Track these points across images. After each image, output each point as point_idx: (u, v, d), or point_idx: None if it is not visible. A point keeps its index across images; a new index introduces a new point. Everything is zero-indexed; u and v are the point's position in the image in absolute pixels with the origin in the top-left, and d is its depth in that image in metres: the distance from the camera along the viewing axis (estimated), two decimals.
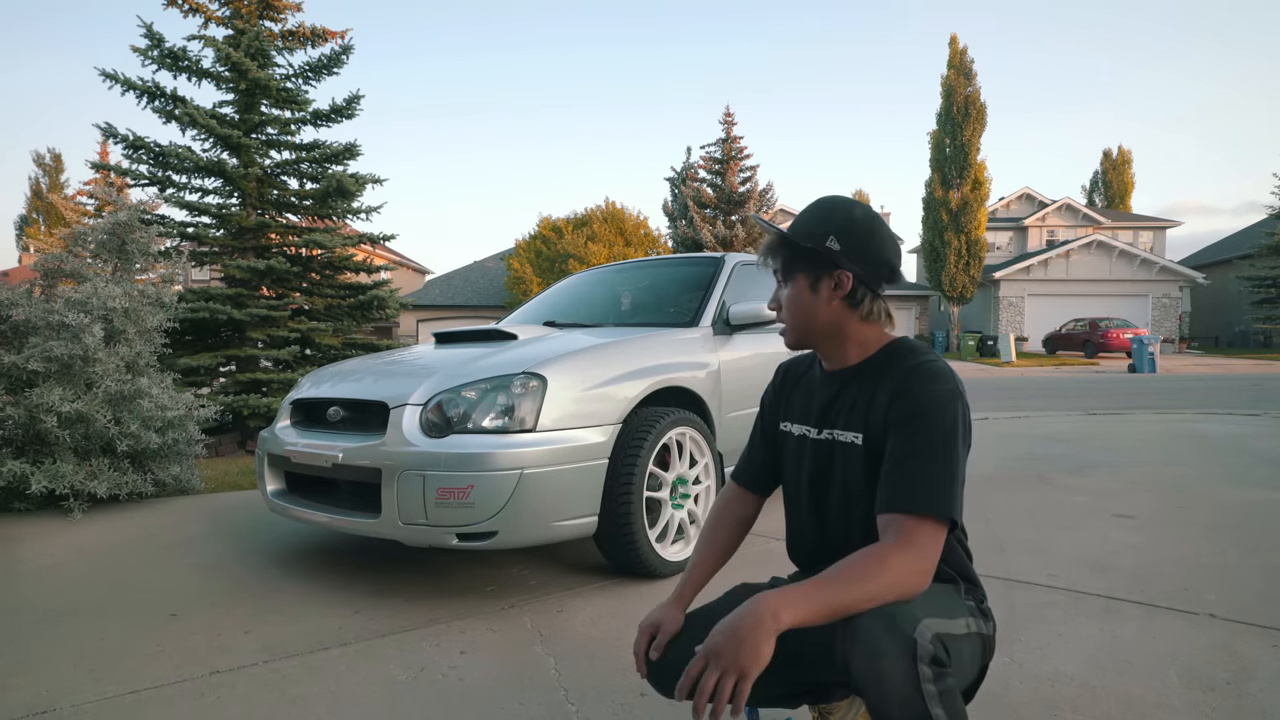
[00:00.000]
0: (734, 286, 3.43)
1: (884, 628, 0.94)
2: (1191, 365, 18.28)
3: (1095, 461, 4.72)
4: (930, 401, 1.08)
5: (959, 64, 23.49)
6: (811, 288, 1.18)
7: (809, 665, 1.20)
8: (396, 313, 7.85)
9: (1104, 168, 40.68)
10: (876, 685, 0.92)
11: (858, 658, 0.94)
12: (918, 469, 1.05)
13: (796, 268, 1.20)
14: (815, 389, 1.28)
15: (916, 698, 0.92)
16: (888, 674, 0.92)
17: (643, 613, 2.24)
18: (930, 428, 1.06)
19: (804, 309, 1.20)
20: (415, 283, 33.46)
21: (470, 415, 2.34)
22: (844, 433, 1.18)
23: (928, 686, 0.92)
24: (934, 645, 0.94)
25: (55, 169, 31.27)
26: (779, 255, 1.22)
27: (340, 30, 7.60)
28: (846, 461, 1.18)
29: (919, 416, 1.07)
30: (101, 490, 3.72)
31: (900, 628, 0.94)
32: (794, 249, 1.19)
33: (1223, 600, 2.23)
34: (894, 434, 1.09)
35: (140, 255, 4.69)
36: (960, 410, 1.09)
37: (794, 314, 1.21)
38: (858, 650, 0.95)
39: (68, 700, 1.75)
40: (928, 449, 1.05)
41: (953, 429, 1.07)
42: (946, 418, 1.07)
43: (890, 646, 0.93)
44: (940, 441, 1.06)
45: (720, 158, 23.92)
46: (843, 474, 1.19)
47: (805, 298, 1.19)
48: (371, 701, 1.73)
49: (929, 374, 1.11)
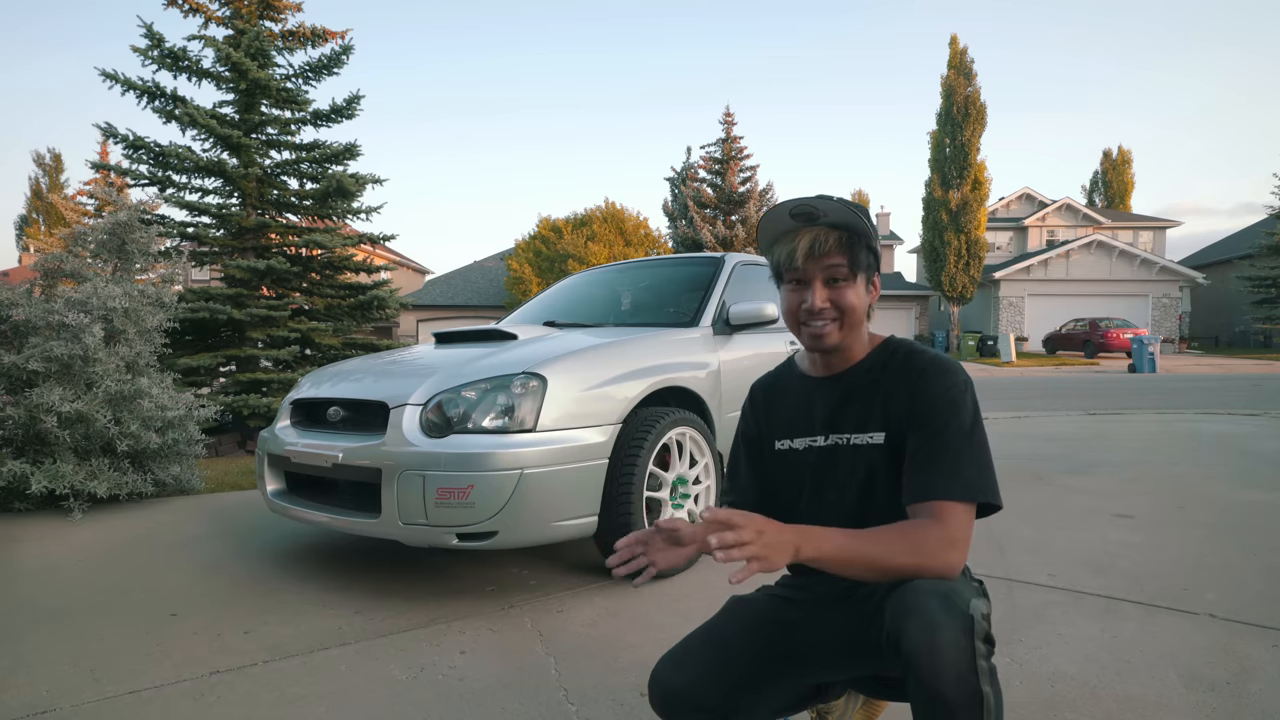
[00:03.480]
0: (734, 286, 3.43)
1: (941, 604, 0.95)
2: (1191, 365, 18.28)
3: (1095, 461, 4.72)
4: (954, 394, 1.11)
5: (959, 64, 23.48)
6: (866, 287, 1.19)
7: (814, 668, 1.20)
8: (396, 313, 7.85)
9: (1104, 168, 40.65)
10: (930, 658, 0.93)
11: (914, 631, 0.94)
12: (947, 460, 1.08)
13: (862, 267, 1.17)
14: (810, 397, 1.25)
15: (971, 674, 0.93)
16: (945, 648, 0.93)
17: (643, 613, 2.25)
18: (956, 419, 1.10)
19: (861, 308, 1.18)
20: (415, 283, 33.46)
21: (470, 415, 2.34)
22: (859, 435, 1.18)
23: (981, 663, 0.94)
24: (985, 624, 0.97)
25: (55, 169, 31.25)
26: (848, 252, 1.15)
27: (340, 30, 7.61)
28: (862, 463, 1.18)
29: (944, 409, 1.10)
30: (101, 490, 3.72)
31: (956, 605, 0.96)
32: (867, 248, 1.17)
33: (1223, 600, 2.23)
34: (918, 430, 1.11)
35: (140, 255, 4.69)
36: (974, 398, 1.13)
37: (855, 313, 1.17)
38: (914, 623, 0.95)
39: (68, 700, 1.75)
40: (955, 440, 1.08)
41: (973, 417, 1.11)
42: (967, 408, 1.11)
43: (949, 622, 0.94)
44: (965, 431, 1.09)
45: (720, 158, 23.93)
46: (856, 476, 1.18)
47: (863, 297, 1.19)
48: (371, 701, 1.72)
49: (943, 369, 1.14)
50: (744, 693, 1.15)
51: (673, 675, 1.16)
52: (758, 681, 1.16)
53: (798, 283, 1.18)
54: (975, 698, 0.92)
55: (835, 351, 1.21)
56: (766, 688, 1.17)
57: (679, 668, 1.16)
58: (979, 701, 0.93)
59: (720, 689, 1.14)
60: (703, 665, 1.16)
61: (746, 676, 1.15)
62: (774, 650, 1.18)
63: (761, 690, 1.17)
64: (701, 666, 1.16)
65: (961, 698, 0.92)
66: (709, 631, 1.21)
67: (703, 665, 1.16)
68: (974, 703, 0.92)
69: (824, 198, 1.14)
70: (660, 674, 1.17)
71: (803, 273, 1.16)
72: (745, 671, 1.16)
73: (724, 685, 1.14)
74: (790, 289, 1.20)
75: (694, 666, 1.16)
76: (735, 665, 1.16)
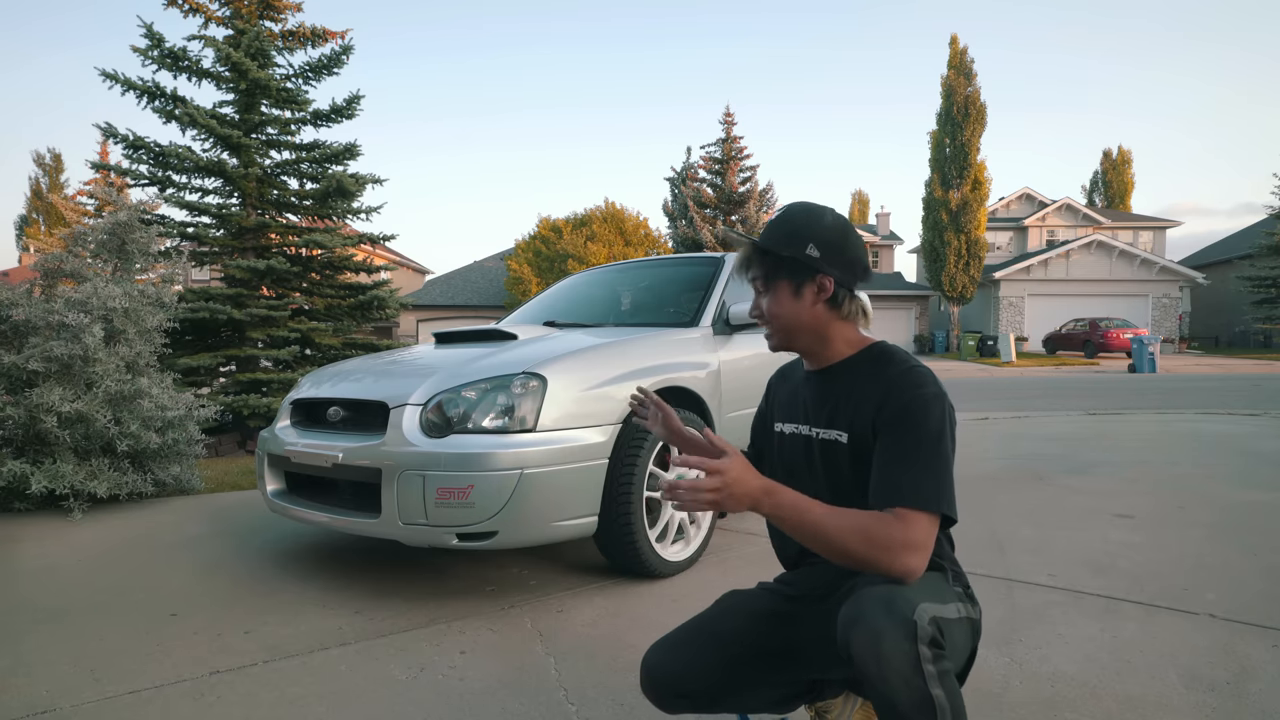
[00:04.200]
0: (734, 286, 3.43)
1: (884, 610, 0.97)
2: (1191, 365, 18.28)
3: (1095, 461, 4.72)
4: (919, 405, 1.11)
5: (959, 64, 23.48)
6: (795, 294, 1.21)
7: (807, 663, 1.21)
8: (396, 313, 7.85)
9: (1104, 168, 40.66)
10: (878, 666, 0.95)
11: (859, 640, 0.97)
12: (909, 468, 1.08)
13: (779, 275, 1.22)
14: (800, 388, 1.31)
15: (917, 678, 0.94)
16: (889, 655, 0.95)
17: (643, 613, 2.25)
18: (920, 429, 1.10)
19: (788, 315, 1.22)
20: (415, 283, 33.46)
21: (470, 415, 2.34)
22: (827, 430, 1.21)
23: (927, 667, 0.95)
24: (931, 627, 0.98)
25: (55, 169, 31.26)
26: (759, 266, 1.24)
27: (340, 30, 7.61)
28: (827, 458, 1.21)
29: (908, 419, 1.11)
30: (101, 490, 3.72)
31: (899, 610, 0.97)
32: (775, 259, 1.22)
33: (1223, 600, 2.23)
34: (884, 436, 1.12)
35: (140, 255, 4.69)
36: (946, 411, 1.12)
37: (777, 320, 1.24)
38: (859, 632, 0.97)
39: (68, 700, 1.75)
40: (916, 450, 1.08)
41: (939, 429, 1.10)
42: (933, 419, 1.10)
43: (891, 628, 0.96)
44: (930, 442, 1.09)
45: (720, 158, 23.92)
46: (820, 469, 1.22)
47: (789, 304, 1.22)
48: (371, 701, 1.73)
49: (914, 380, 1.14)
50: (732, 683, 1.18)
51: (662, 661, 1.19)
52: (746, 673, 1.18)
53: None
54: (926, 702, 0.94)
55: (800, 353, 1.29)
56: (755, 680, 1.19)
57: (669, 655, 1.20)
58: (930, 706, 0.94)
59: (708, 678, 1.17)
60: (693, 653, 1.19)
61: (735, 668, 1.18)
62: (765, 643, 1.20)
63: (750, 682, 1.19)
64: (691, 654, 1.18)
65: (911, 704, 0.94)
66: (702, 621, 1.24)
67: (693, 653, 1.19)
68: (925, 707, 0.94)
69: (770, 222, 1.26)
70: (650, 659, 1.20)
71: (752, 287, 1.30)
72: (734, 662, 1.18)
73: (712, 674, 1.17)
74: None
75: (684, 654, 1.19)
76: (725, 655, 1.18)
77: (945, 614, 1.03)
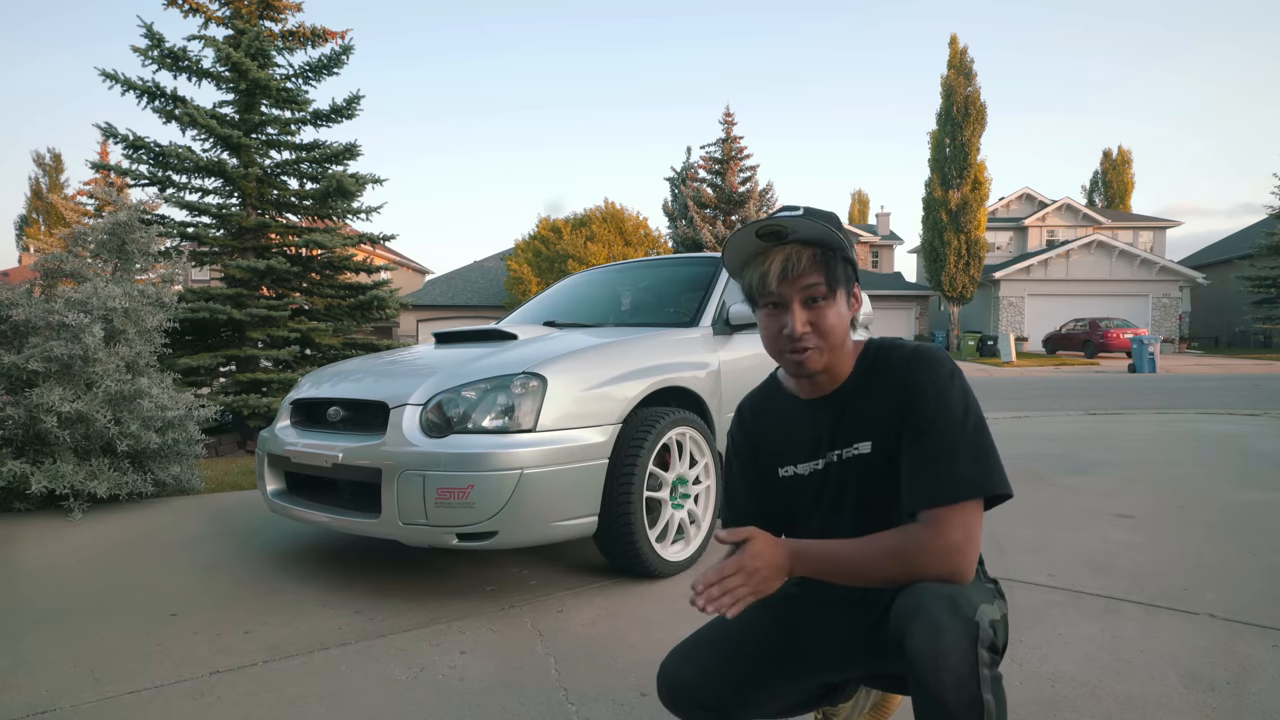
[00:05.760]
0: (734, 287, 3.43)
1: (947, 608, 0.94)
2: (1191, 365, 18.28)
3: (1095, 461, 4.72)
4: (939, 388, 1.07)
5: (959, 64, 23.48)
6: (848, 303, 1.13)
7: (822, 667, 1.19)
8: (396, 313, 7.85)
9: (1104, 168, 40.66)
10: (933, 664, 0.92)
11: (919, 632, 0.94)
12: (941, 463, 1.04)
13: (839, 281, 1.10)
14: (807, 421, 1.20)
15: (972, 681, 0.92)
16: (948, 654, 0.92)
17: (643, 613, 2.25)
18: (947, 412, 1.05)
19: (844, 329, 1.11)
20: (415, 283, 33.45)
21: (470, 415, 2.34)
22: (849, 449, 1.15)
23: (984, 671, 0.93)
24: (990, 631, 0.95)
25: (55, 169, 31.25)
26: (822, 269, 1.08)
27: (340, 30, 7.61)
28: (854, 475, 1.16)
29: (930, 406, 1.06)
30: (101, 490, 3.72)
31: (963, 610, 0.94)
32: (845, 261, 1.10)
33: (1223, 600, 2.23)
34: (908, 430, 1.07)
35: (140, 255, 4.69)
36: (964, 388, 1.08)
37: (834, 335, 1.10)
38: (919, 625, 0.94)
39: (68, 700, 1.75)
40: (948, 435, 1.04)
41: (963, 410, 1.06)
42: (955, 397, 1.06)
43: (953, 627, 0.93)
44: (955, 428, 1.05)
45: (720, 158, 23.93)
46: (850, 489, 1.17)
47: (845, 314, 1.12)
48: (371, 701, 1.73)
49: (923, 362, 1.09)
50: (749, 691, 1.15)
51: (679, 670, 1.16)
52: (764, 680, 1.16)
53: (774, 306, 1.11)
54: (975, 704, 0.92)
55: (833, 368, 1.14)
56: (773, 686, 1.17)
57: (686, 663, 1.17)
58: (979, 708, 0.92)
59: (726, 686, 1.14)
60: (709, 662, 1.16)
61: (752, 675, 1.15)
62: (781, 649, 1.18)
63: (767, 689, 1.16)
64: (708, 663, 1.16)
65: (961, 704, 0.92)
66: (717, 629, 1.21)
67: (709, 662, 1.16)
68: (974, 709, 0.92)
69: (789, 210, 1.09)
70: (667, 668, 1.18)
71: (778, 296, 1.09)
72: (751, 670, 1.16)
73: (730, 683, 1.14)
74: (767, 314, 1.12)
75: (700, 663, 1.17)
76: (741, 663, 1.16)
77: (996, 615, 1.00)
